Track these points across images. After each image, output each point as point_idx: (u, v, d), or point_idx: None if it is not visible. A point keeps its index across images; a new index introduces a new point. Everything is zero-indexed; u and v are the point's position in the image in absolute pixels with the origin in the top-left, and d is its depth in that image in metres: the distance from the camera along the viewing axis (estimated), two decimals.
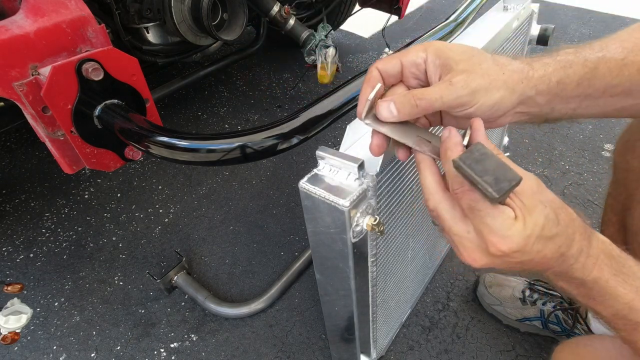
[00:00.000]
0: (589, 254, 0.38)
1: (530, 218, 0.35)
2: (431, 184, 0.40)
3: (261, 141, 0.62)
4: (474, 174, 0.33)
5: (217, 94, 2.01)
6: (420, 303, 1.07)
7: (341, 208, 0.45)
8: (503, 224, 0.35)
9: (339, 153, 0.48)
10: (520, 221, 0.35)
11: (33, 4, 0.68)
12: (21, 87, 0.67)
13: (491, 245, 0.36)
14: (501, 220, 0.35)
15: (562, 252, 0.37)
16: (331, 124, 0.69)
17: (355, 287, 0.59)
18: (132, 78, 0.78)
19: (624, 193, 0.67)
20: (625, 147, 0.67)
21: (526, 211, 0.35)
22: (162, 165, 1.58)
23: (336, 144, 1.65)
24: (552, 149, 1.54)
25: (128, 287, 1.16)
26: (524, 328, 0.99)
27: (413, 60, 0.41)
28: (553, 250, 0.37)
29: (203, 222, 1.34)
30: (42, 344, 1.04)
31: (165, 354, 1.00)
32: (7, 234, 1.32)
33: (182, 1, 1.19)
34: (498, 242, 0.35)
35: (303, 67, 2.17)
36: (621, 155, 0.68)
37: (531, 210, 0.35)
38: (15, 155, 1.65)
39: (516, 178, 0.32)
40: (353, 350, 0.79)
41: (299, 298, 1.11)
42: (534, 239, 0.35)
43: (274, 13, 1.39)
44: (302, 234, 1.28)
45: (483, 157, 0.33)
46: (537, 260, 0.37)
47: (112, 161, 0.83)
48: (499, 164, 0.33)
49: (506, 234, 0.35)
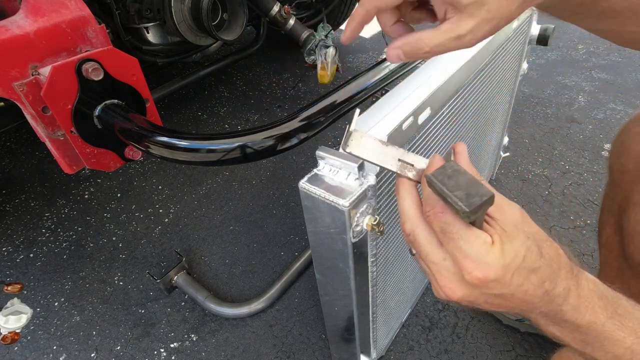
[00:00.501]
0: (580, 295, 0.36)
1: (510, 246, 0.33)
2: (409, 207, 0.38)
3: (261, 141, 0.62)
4: (445, 189, 0.32)
5: (217, 94, 2.01)
6: (420, 303, 1.07)
7: (341, 208, 0.45)
8: (479, 249, 0.33)
9: (339, 153, 0.48)
10: (497, 248, 0.33)
11: (33, 4, 0.68)
12: (21, 87, 0.67)
13: (466, 272, 0.33)
14: (476, 245, 0.33)
15: (547, 289, 0.34)
16: (331, 124, 0.69)
17: (355, 287, 0.59)
18: (132, 78, 0.78)
19: (619, 195, 0.67)
20: (621, 149, 0.67)
21: (506, 239, 0.33)
22: (162, 165, 1.58)
23: (336, 144, 1.65)
24: (552, 149, 1.54)
25: (128, 287, 1.16)
26: (524, 328, 0.99)
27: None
28: (536, 285, 0.34)
29: (203, 222, 1.34)
30: (42, 344, 1.04)
31: (165, 354, 1.00)
32: (7, 234, 1.32)
33: (182, 1, 1.19)
34: (473, 268, 0.33)
35: (303, 67, 2.17)
36: (616, 157, 0.68)
37: (512, 238, 0.33)
38: (15, 155, 1.65)
39: (488, 194, 0.31)
40: (353, 350, 0.79)
41: (299, 298, 1.11)
42: (513, 269, 0.33)
43: (274, 13, 1.39)
44: (302, 234, 1.28)
45: (455, 173, 0.33)
46: (518, 296, 0.34)
47: (112, 161, 0.83)
48: (471, 180, 0.32)
49: (482, 259, 0.33)
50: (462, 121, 0.76)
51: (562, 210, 1.29)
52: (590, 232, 1.21)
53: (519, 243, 0.33)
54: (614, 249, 0.68)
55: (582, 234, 1.21)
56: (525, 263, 0.33)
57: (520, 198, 1.35)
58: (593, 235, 1.19)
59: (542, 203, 1.32)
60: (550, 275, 0.34)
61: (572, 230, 1.22)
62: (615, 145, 0.69)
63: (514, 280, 0.33)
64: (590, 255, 1.15)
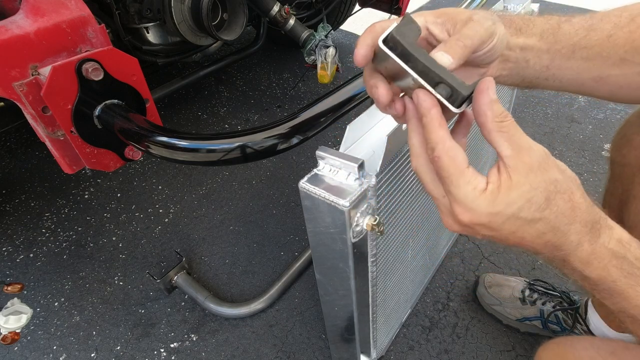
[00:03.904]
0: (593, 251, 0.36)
1: (505, 196, 0.33)
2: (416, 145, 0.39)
3: (261, 141, 0.62)
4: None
5: (217, 94, 2.01)
6: (420, 303, 1.07)
7: (341, 208, 0.45)
8: (466, 195, 0.34)
9: (339, 153, 0.48)
10: (489, 195, 0.33)
11: (33, 4, 0.68)
12: (21, 87, 0.67)
13: (456, 214, 0.35)
14: (464, 191, 0.34)
15: (548, 239, 0.35)
16: (331, 124, 0.69)
17: (355, 287, 0.59)
18: (132, 78, 0.78)
19: (620, 188, 0.67)
20: (622, 141, 0.67)
21: (505, 187, 0.33)
22: (162, 165, 1.58)
23: (336, 144, 1.65)
24: (552, 149, 1.54)
25: (128, 287, 1.16)
26: (523, 328, 0.99)
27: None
28: (534, 235, 0.35)
29: (203, 222, 1.34)
30: (42, 344, 1.04)
31: (165, 354, 1.00)
32: (7, 234, 1.32)
33: (182, 1, 1.19)
34: (460, 212, 0.35)
35: (303, 67, 2.17)
36: (617, 149, 0.68)
37: (512, 187, 0.33)
38: (15, 155, 1.65)
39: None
40: (353, 350, 0.79)
41: (299, 298, 1.11)
42: (503, 217, 0.34)
43: (274, 13, 1.39)
44: (302, 234, 1.28)
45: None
46: (514, 240, 0.35)
47: (112, 161, 0.83)
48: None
49: (469, 205, 0.34)
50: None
51: None
52: None
53: (518, 193, 0.33)
54: None
55: None
56: (521, 213, 0.33)
57: None
58: None
59: None
60: (555, 227, 0.34)
61: None
62: (617, 138, 0.69)
63: (505, 227, 0.34)
64: None
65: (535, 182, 0.33)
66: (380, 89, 0.39)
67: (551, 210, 0.34)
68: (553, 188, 0.34)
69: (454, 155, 0.34)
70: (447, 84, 0.34)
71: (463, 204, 0.34)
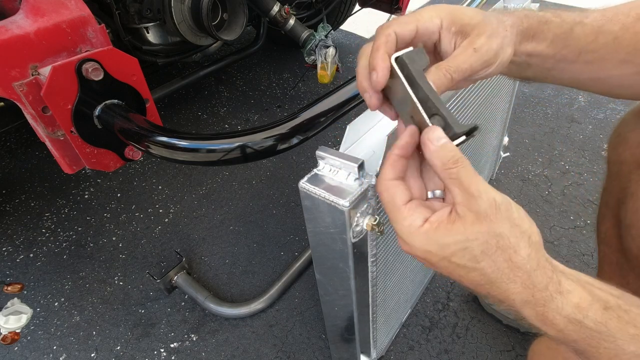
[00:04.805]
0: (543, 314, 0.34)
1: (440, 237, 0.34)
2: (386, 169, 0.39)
3: (261, 141, 0.62)
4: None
5: (217, 94, 2.01)
6: (420, 303, 1.07)
7: (341, 208, 0.45)
8: (402, 231, 0.36)
9: (339, 153, 0.48)
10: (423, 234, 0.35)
11: (33, 4, 0.68)
12: (21, 87, 0.67)
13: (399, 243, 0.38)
14: (400, 226, 0.36)
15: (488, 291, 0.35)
16: (331, 124, 0.69)
17: (355, 287, 0.59)
18: (132, 78, 0.78)
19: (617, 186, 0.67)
20: (617, 140, 0.67)
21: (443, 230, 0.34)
22: (162, 165, 1.58)
23: (336, 144, 1.65)
24: (552, 149, 1.54)
25: (128, 287, 1.16)
26: (524, 328, 0.99)
27: (428, 27, 0.41)
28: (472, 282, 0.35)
29: (203, 222, 1.34)
30: (42, 344, 1.04)
31: (165, 354, 1.00)
32: (7, 234, 1.32)
33: (182, 1, 1.19)
34: (401, 243, 0.38)
35: (303, 67, 2.17)
36: (613, 148, 0.68)
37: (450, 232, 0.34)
38: (15, 155, 1.65)
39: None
40: (353, 350, 0.79)
41: (299, 298, 1.11)
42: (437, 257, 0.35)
43: (274, 13, 1.39)
44: (302, 234, 1.28)
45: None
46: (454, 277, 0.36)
47: (112, 161, 0.83)
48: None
49: (405, 239, 0.36)
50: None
51: (562, 210, 1.29)
52: (590, 232, 1.21)
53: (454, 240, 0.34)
54: (612, 243, 0.68)
55: (582, 234, 1.21)
56: (453, 258, 0.34)
57: (520, 198, 1.35)
58: (593, 235, 1.19)
59: (542, 203, 1.32)
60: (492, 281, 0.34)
61: (572, 230, 1.22)
62: (613, 137, 0.69)
63: (441, 265, 0.36)
64: (590, 255, 1.15)
65: (474, 233, 0.33)
66: (373, 99, 0.42)
67: (487, 264, 0.34)
68: (494, 243, 0.33)
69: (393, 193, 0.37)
70: (443, 117, 0.35)
71: (400, 237, 0.37)
